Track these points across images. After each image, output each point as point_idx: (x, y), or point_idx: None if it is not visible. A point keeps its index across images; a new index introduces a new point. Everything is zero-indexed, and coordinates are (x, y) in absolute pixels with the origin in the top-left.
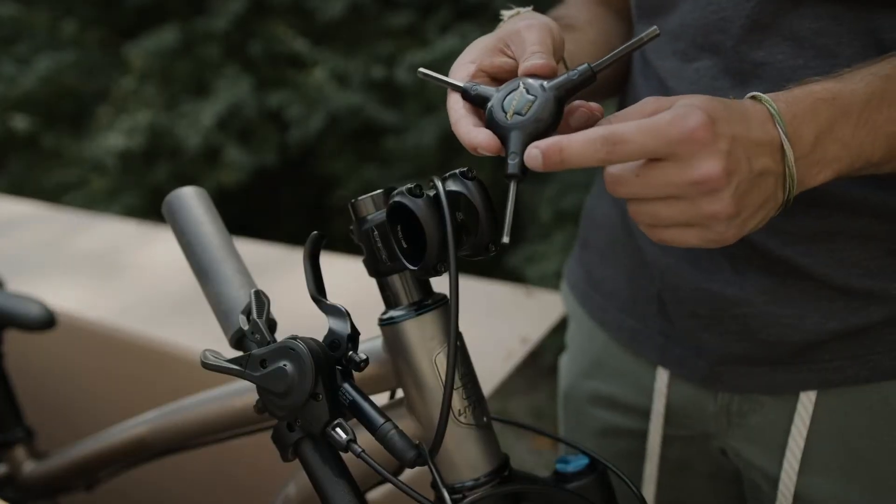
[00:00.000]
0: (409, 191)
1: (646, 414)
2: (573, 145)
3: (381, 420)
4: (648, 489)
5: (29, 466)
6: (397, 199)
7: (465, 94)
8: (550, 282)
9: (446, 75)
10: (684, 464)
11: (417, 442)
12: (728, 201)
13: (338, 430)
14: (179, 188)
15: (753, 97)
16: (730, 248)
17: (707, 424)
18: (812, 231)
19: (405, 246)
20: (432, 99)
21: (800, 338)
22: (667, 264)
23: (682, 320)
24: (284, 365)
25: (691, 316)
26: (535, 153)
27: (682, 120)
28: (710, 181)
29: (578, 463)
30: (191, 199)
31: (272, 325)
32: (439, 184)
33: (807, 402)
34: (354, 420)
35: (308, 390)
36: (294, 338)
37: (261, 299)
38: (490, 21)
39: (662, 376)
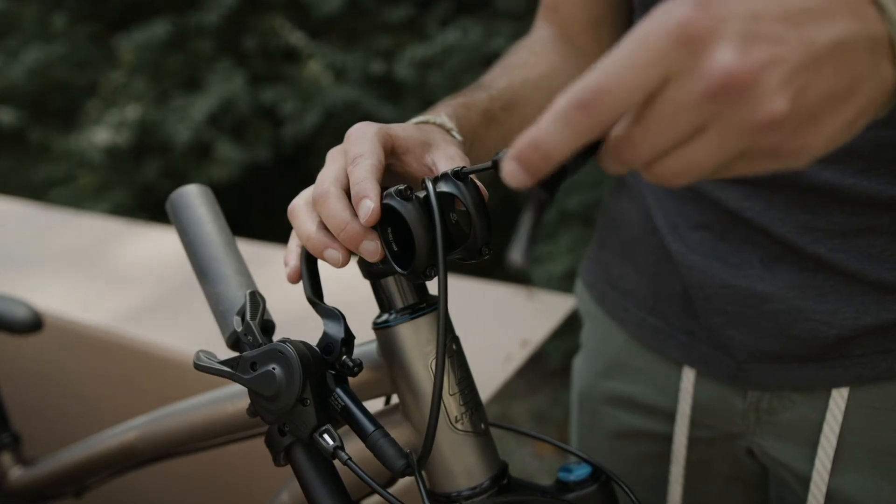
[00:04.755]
0: (399, 193)
1: (668, 415)
2: (545, 130)
3: (371, 427)
4: (674, 493)
5: (15, 473)
6: (385, 201)
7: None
8: (557, 283)
9: (446, 72)
10: (705, 466)
11: (408, 451)
12: (770, 99)
13: (325, 436)
14: (184, 186)
15: None
16: (758, 245)
17: (733, 424)
18: (843, 228)
19: (395, 249)
20: (431, 95)
21: (833, 333)
22: (693, 261)
23: (709, 317)
24: (273, 368)
25: (718, 313)
26: (512, 166)
27: (659, 24)
28: (730, 80)
29: (581, 472)
30: (194, 198)
31: (268, 326)
32: (430, 185)
33: (839, 398)
34: (348, 426)
35: (295, 395)
36: (284, 340)
37: (255, 300)
38: (490, 16)
39: (689, 376)
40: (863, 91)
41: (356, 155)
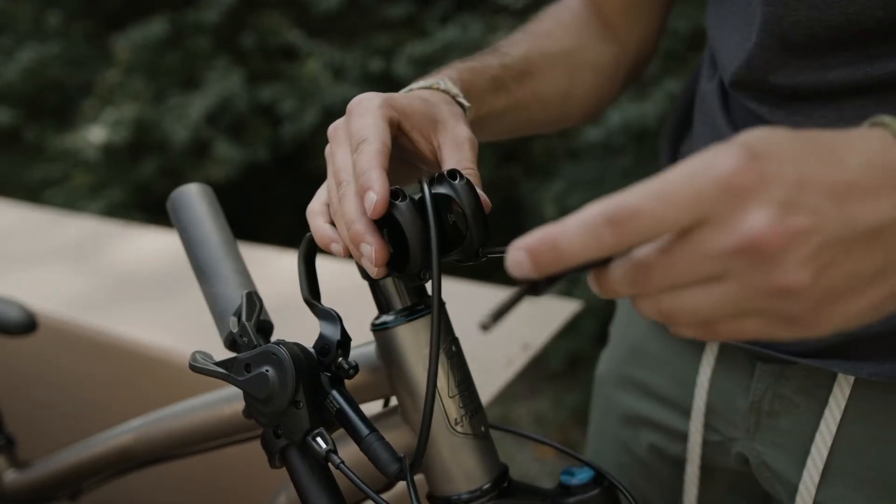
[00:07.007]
0: (391, 194)
1: (678, 407)
2: (568, 235)
3: (366, 431)
4: (689, 493)
5: (10, 476)
6: None
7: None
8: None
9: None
10: (709, 471)
11: (403, 454)
12: (793, 268)
13: (318, 439)
14: (185, 184)
15: (875, 124)
16: None
17: (735, 427)
18: None
19: (391, 250)
20: None
21: (837, 337)
22: None
23: None
24: (266, 370)
25: None
26: (521, 256)
27: (708, 168)
28: (758, 242)
29: (584, 475)
30: (195, 196)
31: (265, 327)
32: (426, 187)
33: (836, 409)
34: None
35: (288, 397)
36: (278, 342)
37: (252, 301)
38: (490, 12)
39: (705, 369)
40: (894, 276)
41: (360, 140)
